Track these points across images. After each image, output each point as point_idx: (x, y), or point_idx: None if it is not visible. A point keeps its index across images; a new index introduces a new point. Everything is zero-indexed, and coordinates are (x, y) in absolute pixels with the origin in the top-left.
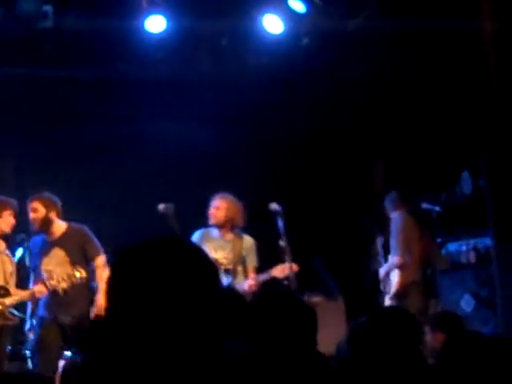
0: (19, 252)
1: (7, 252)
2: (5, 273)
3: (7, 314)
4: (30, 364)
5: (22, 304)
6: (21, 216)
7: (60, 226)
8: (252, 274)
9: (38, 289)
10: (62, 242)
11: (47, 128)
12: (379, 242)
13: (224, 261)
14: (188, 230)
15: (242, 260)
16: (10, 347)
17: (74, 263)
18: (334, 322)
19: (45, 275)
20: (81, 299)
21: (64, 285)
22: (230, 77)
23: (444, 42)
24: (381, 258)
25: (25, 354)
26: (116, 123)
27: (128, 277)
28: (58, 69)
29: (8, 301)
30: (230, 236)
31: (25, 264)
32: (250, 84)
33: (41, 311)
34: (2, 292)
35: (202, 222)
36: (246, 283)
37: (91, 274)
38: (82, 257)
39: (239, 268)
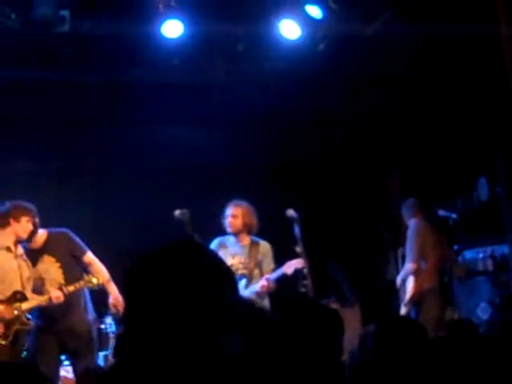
0: None
1: (24, 257)
2: (22, 277)
3: (23, 318)
4: None
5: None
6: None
7: (41, 234)
8: (265, 275)
9: (55, 294)
10: (49, 248)
11: (62, 132)
12: (399, 251)
13: (240, 265)
14: (200, 235)
15: (258, 264)
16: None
17: (65, 268)
18: (350, 329)
19: (39, 283)
20: (77, 305)
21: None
22: (245, 82)
23: (461, 47)
24: (400, 267)
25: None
26: (131, 128)
27: (144, 283)
28: (74, 73)
29: (25, 306)
30: (246, 241)
31: None
32: (265, 90)
33: (35, 319)
34: (19, 296)
35: (212, 227)
36: (259, 284)
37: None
38: (72, 259)
39: (255, 272)
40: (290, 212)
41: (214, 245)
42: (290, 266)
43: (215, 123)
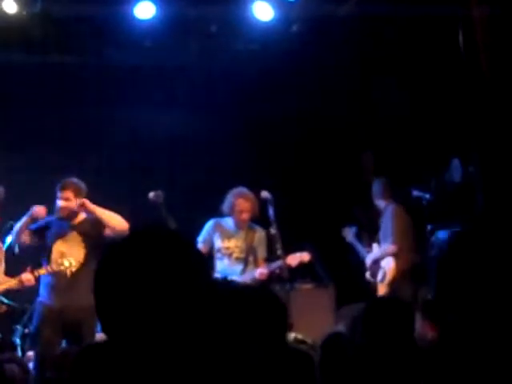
0: (9, 239)
1: None
2: None
3: None
4: (19, 352)
5: (13, 292)
6: (10, 203)
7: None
8: (263, 263)
9: (26, 277)
10: (81, 227)
11: (34, 113)
12: (351, 230)
13: (236, 249)
14: (177, 217)
15: (253, 251)
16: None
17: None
18: (324, 309)
19: (55, 256)
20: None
21: (73, 268)
22: (219, 64)
23: (434, 28)
24: (358, 247)
25: (14, 342)
26: (104, 109)
27: (116, 268)
28: (46, 54)
29: None
30: (243, 226)
31: (13, 252)
32: (239, 71)
33: (42, 297)
34: None
35: (191, 209)
36: (258, 271)
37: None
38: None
39: (250, 258)
40: (265, 193)
41: (209, 225)
42: (295, 259)
43: (188, 105)
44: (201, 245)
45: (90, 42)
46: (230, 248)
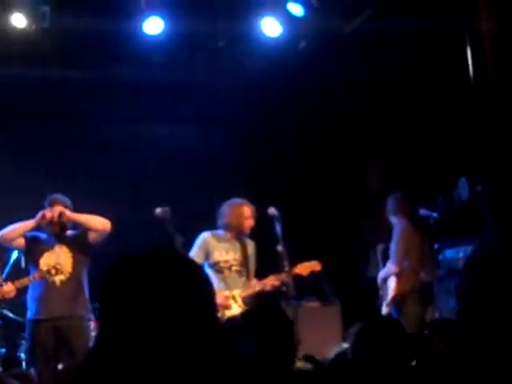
0: (15, 254)
1: None
2: None
3: None
4: (24, 367)
5: (18, 306)
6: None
7: None
8: (251, 274)
9: (7, 288)
10: (68, 239)
11: (41, 127)
12: (379, 248)
13: (234, 262)
14: (183, 232)
15: (247, 262)
16: (4, 350)
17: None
18: (330, 327)
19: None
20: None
21: (62, 277)
22: (226, 80)
23: (442, 45)
24: (380, 264)
25: (19, 357)
26: (110, 124)
27: (121, 288)
28: (54, 69)
29: None
30: (235, 238)
31: (20, 265)
32: (246, 87)
33: (31, 313)
34: None
35: (196, 224)
36: (268, 281)
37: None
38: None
39: (245, 270)
40: (272, 210)
41: (204, 238)
42: (305, 268)
43: (195, 121)
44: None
45: (98, 56)
46: (228, 261)
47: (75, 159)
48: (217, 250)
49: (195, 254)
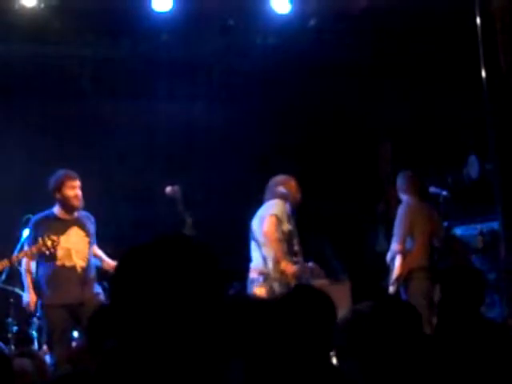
0: (26, 232)
1: None
2: None
3: None
4: (36, 345)
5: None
6: (28, 196)
7: None
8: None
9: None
10: (80, 222)
11: (52, 104)
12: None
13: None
14: (194, 211)
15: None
16: (16, 328)
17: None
18: (340, 305)
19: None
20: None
21: (82, 263)
22: (236, 57)
23: (452, 20)
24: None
25: (31, 335)
26: (121, 101)
27: (132, 275)
28: (65, 46)
29: None
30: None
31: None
32: (256, 64)
33: (49, 298)
34: None
35: (209, 202)
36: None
37: None
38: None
39: None
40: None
41: (283, 203)
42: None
43: (205, 99)
44: (276, 219)
45: (107, 34)
46: (290, 232)
47: (83, 136)
48: (285, 220)
49: (279, 214)
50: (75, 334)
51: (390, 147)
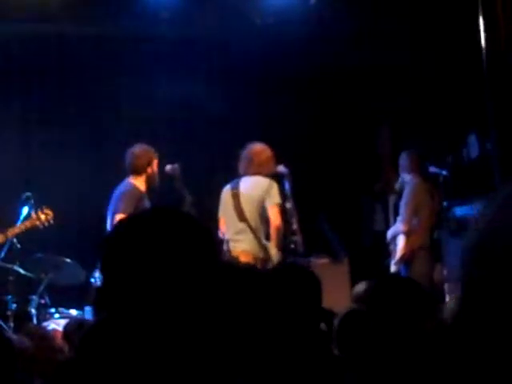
0: (25, 210)
1: None
2: None
3: None
4: (35, 322)
5: (29, 263)
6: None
7: None
8: None
9: None
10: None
11: (51, 83)
12: (391, 200)
13: None
14: (195, 190)
15: None
16: (15, 305)
17: None
18: (340, 284)
19: None
20: None
21: None
22: (235, 36)
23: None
24: (391, 218)
25: (30, 312)
26: (119, 79)
27: (123, 246)
28: (63, 25)
29: None
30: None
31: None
32: (255, 44)
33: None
34: None
35: (208, 182)
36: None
37: None
38: None
39: None
40: (281, 168)
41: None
42: None
43: (203, 77)
44: (280, 208)
45: (107, 12)
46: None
47: (80, 116)
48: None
49: (281, 201)
50: (73, 312)
51: (388, 127)
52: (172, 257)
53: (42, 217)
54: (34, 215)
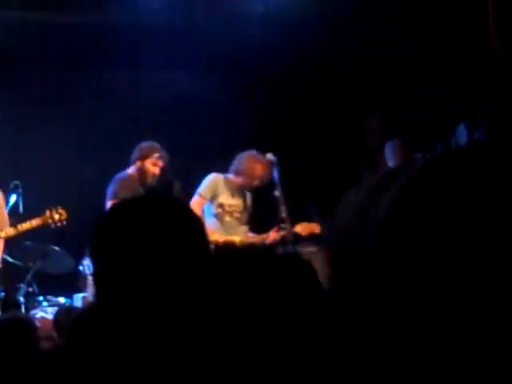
0: (13, 198)
1: None
2: None
3: None
4: (23, 311)
5: (17, 251)
6: (17, 162)
7: None
8: (275, 227)
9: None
10: None
11: (38, 71)
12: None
13: (236, 209)
14: (182, 178)
15: (245, 214)
16: (3, 294)
17: None
18: (327, 272)
19: None
20: None
21: None
22: (224, 25)
23: None
24: None
25: (18, 300)
26: (109, 70)
27: (113, 232)
28: (51, 12)
29: None
30: (244, 187)
31: (18, 211)
32: (245, 32)
33: None
34: None
35: (194, 170)
36: (270, 236)
37: None
38: None
39: (245, 219)
40: (269, 156)
41: (215, 177)
42: (306, 229)
43: (193, 67)
44: (199, 198)
45: (93, 0)
46: (232, 206)
47: (68, 104)
48: (225, 192)
49: (202, 192)
50: (61, 299)
51: (378, 117)
52: (163, 242)
53: (56, 216)
54: (48, 213)
